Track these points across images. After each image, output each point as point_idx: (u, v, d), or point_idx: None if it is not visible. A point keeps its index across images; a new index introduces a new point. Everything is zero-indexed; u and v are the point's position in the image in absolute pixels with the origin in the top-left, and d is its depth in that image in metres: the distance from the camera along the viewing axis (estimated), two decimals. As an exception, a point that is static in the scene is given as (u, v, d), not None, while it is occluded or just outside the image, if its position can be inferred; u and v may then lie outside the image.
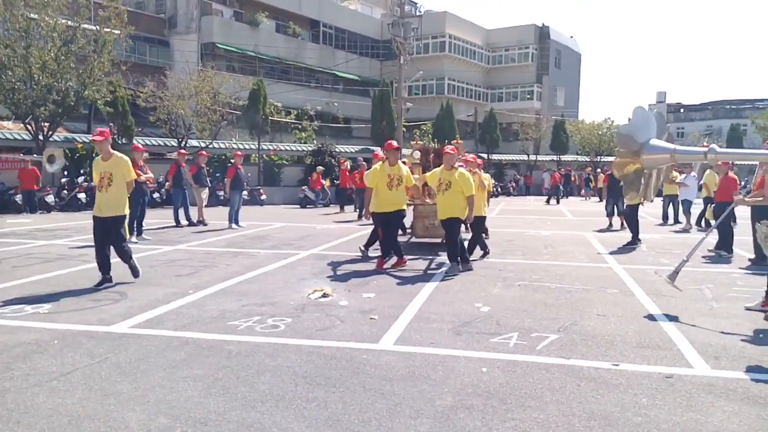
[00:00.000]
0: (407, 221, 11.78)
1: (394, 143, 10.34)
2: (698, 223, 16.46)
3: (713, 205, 12.35)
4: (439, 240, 11.72)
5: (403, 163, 10.65)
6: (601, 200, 32.93)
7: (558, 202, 31.54)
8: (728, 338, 5.81)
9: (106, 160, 8.04)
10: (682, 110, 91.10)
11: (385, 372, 4.75)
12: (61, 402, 4.13)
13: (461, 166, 9.87)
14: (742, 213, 12.28)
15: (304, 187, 26.88)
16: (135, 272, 8.35)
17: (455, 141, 14.42)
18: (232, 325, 6.10)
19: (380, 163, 10.10)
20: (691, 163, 22.68)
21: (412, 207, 12.07)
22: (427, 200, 11.84)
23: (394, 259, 9.89)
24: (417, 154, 12.83)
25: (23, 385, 4.41)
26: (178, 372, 4.74)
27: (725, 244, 11.32)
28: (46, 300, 7.12)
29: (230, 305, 6.95)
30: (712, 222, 13.15)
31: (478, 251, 10.78)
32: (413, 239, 12.74)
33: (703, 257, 11.18)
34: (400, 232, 11.48)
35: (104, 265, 8.05)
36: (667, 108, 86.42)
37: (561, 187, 33.75)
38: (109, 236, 8.05)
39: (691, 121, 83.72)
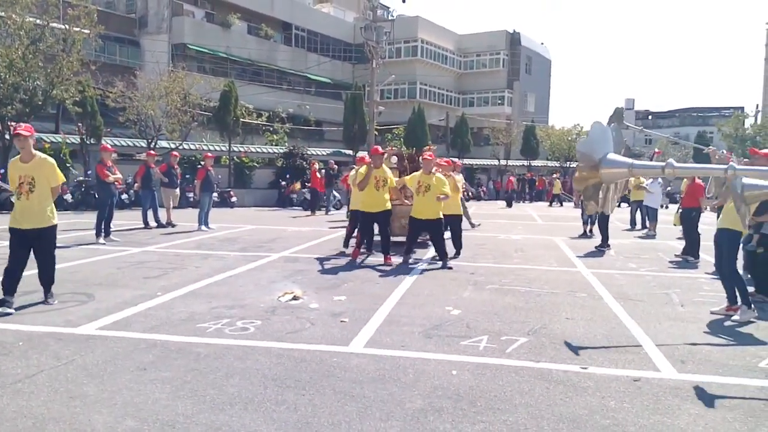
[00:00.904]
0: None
1: (380, 149, 11.09)
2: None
3: (680, 210, 12.57)
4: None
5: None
6: (552, 204, 33.77)
7: (510, 206, 32.21)
8: (695, 342, 5.91)
9: (26, 162, 6.69)
10: (650, 117, 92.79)
11: (355, 375, 4.74)
12: (26, 404, 4.05)
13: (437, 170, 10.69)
14: (708, 219, 12.50)
15: (304, 190, 25.97)
16: (48, 297, 7.04)
17: (427, 147, 14.77)
18: (201, 327, 6.04)
19: (365, 166, 10.71)
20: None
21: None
22: (406, 201, 12.22)
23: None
24: (394, 159, 13.28)
25: (-15, 388, 4.31)
26: (145, 374, 4.67)
27: (692, 249, 11.53)
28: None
29: (199, 307, 6.88)
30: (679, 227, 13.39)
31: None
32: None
33: (671, 262, 11.38)
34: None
35: (11, 288, 6.64)
36: (636, 114, 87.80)
37: (515, 191, 34.44)
38: (39, 253, 6.86)
39: (659, 128, 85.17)
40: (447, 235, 11.02)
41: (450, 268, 10.03)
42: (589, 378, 4.79)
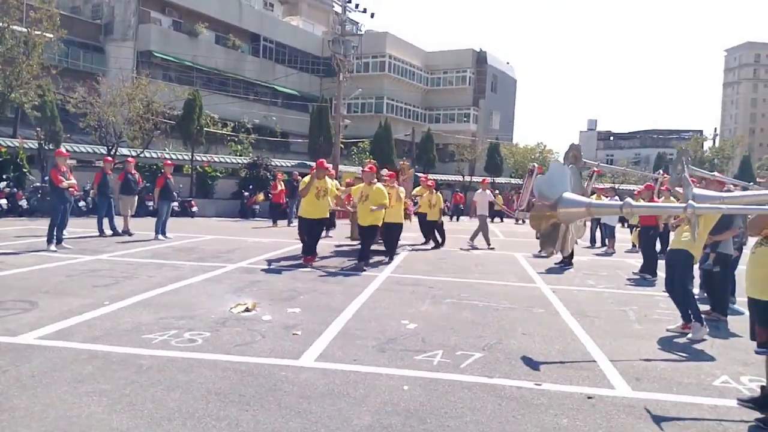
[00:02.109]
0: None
1: (325, 162, 12.27)
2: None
3: (638, 228, 12.68)
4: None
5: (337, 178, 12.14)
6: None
7: (457, 220, 33.46)
8: (650, 360, 5.88)
9: None
10: (611, 138, 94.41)
11: (303, 389, 4.58)
12: (-54, 419, 3.81)
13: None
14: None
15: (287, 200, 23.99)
16: None
17: (402, 163, 15.83)
18: (147, 338, 5.82)
19: (308, 176, 11.89)
20: (614, 186, 23.32)
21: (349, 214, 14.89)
22: (349, 208, 13.66)
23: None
24: (411, 171, 15.51)
25: None
26: (82, 386, 4.46)
27: (649, 267, 11.61)
28: (-54, 309, 6.66)
29: (147, 318, 6.65)
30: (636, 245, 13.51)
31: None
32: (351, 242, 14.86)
33: (628, 279, 11.43)
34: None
35: None
36: (598, 135, 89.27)
37: (461, 206, 35.42)
38: None
39: (621, 149, 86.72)
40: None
41: (363, 271, 10.89)
42: (543, 395, 4.70)
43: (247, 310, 7.16)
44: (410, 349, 5.83)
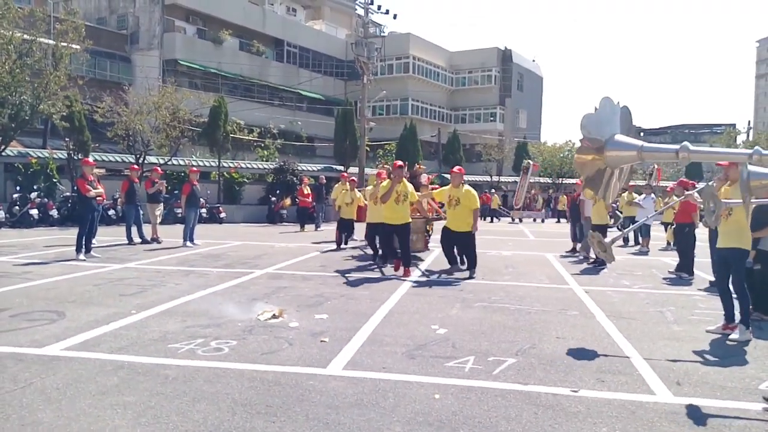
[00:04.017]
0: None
1: (399, 162, 11.63)
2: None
3: (673, 226, 12.34)
4: (418, 252, 13.64)
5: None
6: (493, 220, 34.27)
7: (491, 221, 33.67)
8: (690, 363, 5.64)
9: None
10: (642, 134, 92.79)
11: (331, 399, 4.44)
12: (-31, 434, 3.74)
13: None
14: (702, 235, 12.27)
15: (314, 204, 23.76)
16: None
17: (417, 165, 15.20)
18: (173, 348, 5.73)
19: (387, 180, 11.09)
20: (650, 184, 22.88)
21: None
22: (418, 214, 12.98)
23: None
24: (425, 177, 14.14)
25: (-71, 416, 4.00)
26: (107, 398, 4.37)
27: (686, 265, 11.29)
28: (-25, 320, 6.66)
29: (173, 326, 6.57)
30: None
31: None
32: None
33: (664, 279, 11.13)
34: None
35: None
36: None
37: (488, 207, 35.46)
38: None
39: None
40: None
41: (473, 277, 10.58)
42: (580, 402, 4.51)
43: (274, 316, 7.05)
44: (441, 355, 5.67)
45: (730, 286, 6.85)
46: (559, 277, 11.11)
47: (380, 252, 12.28)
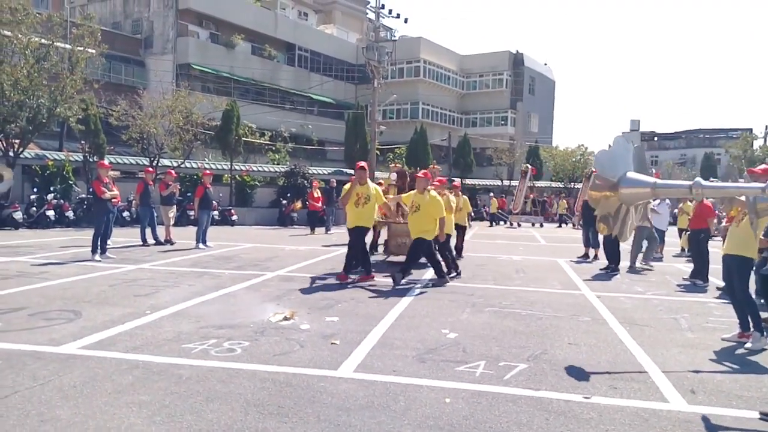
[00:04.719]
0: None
1: (361, 163, 10.99)
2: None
3: (688, 232, 12.25)
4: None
5: (379, 184, 11.66)
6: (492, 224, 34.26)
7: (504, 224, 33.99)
8: (705, 370, 5.63)
9: None
10: (655, 138, 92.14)
11: (342, 401, 4.48)
12: (-10, 430, 3.80)
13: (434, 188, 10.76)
14: (717, 242, 12.23)
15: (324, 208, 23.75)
16: None
17: (431, 166, 15.07)
18: (187, 348, 5.79)
19: (349, 183, 10.80)
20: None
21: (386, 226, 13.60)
22: (399, 219, 12.40)
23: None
24: (394, 176, 13.16)
25: (-51, 412, 4.07)
26: (123, 397, 4.43)
27: (700, 272, 11.21)
28: (-6, 319, 6.75)
29: (187, 327, 6.63)
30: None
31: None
32: (389, 258, 13.71)
33: (678, 286, 11.08)
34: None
35: None
36: (641, 136, 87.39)
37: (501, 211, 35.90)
38: None
39: (665, 149, 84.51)
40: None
41: (446, 283, 10.26)
42: (593, 409, 4.51)
43: (285, 318, 7.11)
44: (451, 359, 5.69)
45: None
46: (570, 283, 11.10)
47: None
